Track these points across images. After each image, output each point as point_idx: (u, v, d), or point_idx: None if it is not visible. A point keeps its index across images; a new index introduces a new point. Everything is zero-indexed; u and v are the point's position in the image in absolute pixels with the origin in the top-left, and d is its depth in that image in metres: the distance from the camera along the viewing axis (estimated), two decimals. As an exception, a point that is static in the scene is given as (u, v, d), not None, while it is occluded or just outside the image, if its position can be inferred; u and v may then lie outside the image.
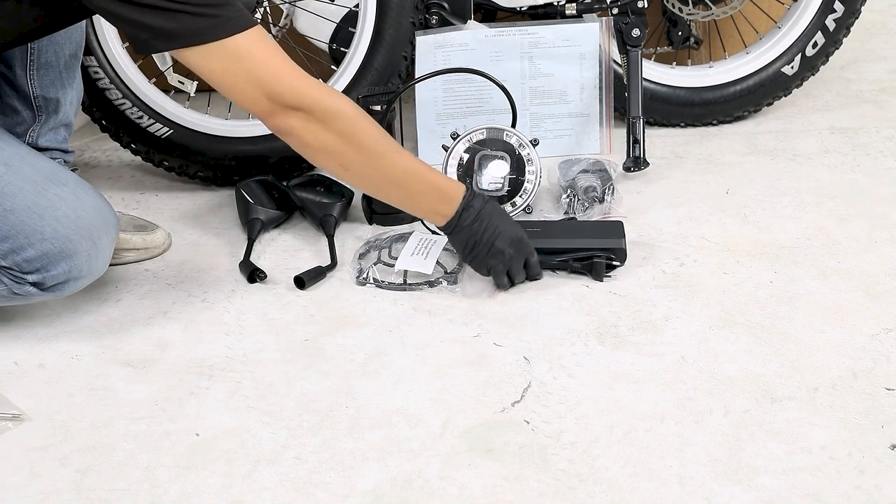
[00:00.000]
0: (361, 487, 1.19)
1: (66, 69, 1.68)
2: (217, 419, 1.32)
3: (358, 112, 1.44)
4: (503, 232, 1.53)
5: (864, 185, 1.88)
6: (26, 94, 1.66)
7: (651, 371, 1.38)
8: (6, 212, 1.41)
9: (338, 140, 1.42)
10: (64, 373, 1.43)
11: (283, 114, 1.39)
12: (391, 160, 1.47)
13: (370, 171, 1.47)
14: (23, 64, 1.63)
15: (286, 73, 1.39)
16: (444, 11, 2.01)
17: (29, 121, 1.68)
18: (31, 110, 1.67)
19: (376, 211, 1.81)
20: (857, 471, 1.18)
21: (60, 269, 1.43)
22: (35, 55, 1.63)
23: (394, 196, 1.52)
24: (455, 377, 1.39)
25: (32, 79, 1.65)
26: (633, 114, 1.96)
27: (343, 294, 1.60)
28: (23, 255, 1.42)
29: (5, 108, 1.67)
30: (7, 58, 1.63)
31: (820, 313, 1.49)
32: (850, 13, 2.09)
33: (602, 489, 1.17)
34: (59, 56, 1.65)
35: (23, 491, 1.21)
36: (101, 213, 1.49)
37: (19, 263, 1.42)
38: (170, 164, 1.95)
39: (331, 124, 1.41)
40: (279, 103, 1.38)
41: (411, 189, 1.50)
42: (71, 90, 1.70)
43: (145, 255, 1.73)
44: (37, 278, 1.43)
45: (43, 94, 1.66)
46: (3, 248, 1.41)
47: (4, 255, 1.42)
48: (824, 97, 2.29)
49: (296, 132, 1.41)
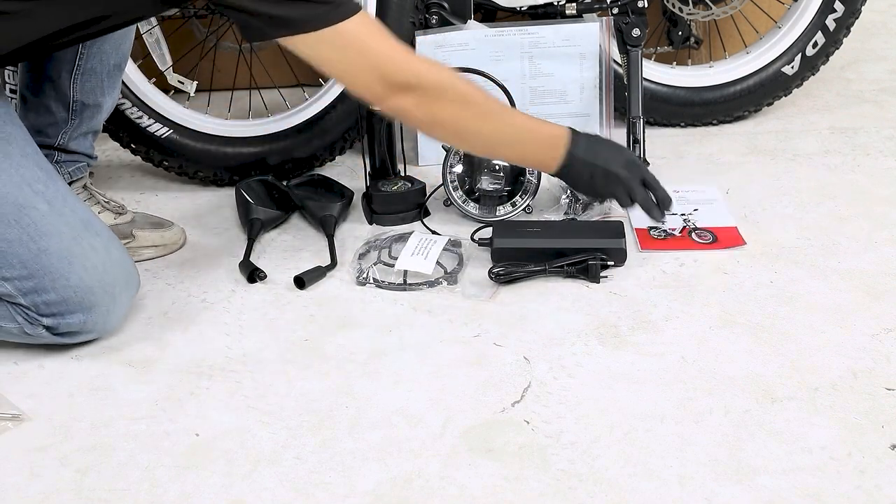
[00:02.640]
0: (361, 487, 1.19)
1: (109, 77, 1.68)
2: (217, 419, 1.32)
3: (462, 81, 1.49)
4: (612, 159, 1.60)
5: (864, 185, 1.88)
6: (66, 97, 1.66)
7: (651, 371, 1.38)
8: (40, 252, 1.39)
9: (449, 111, 1.47)
10: (64, 373, 1.43)
11: (396, 95, 1.43)
12: (502, 123, 1.54)
13: (483, 135, 1.53)
14: (69, 67, 1.64)
15: (397, 54, 1.43)
16: (444, 11, 2.01)
17: (61, 123, 1.68)
18: (66, 112, 1.67)
19: (376, 211, 1.81)
20: (857, 471, 1.18)
21: (77, 318, 1.42)
22: (83, 60, 1.64)
23: (506, 153, 1.62)
24: (455, 377, 1.39)
25: (76, 83, 1.65)
26: (633, 114, 1.96)
27: (343, 294, 1.60)
28: (43, 297, 1.40)
29: (39, 107, 1.67)
30: (56, 59, 1.63)
31: (820, 313, 1.49)
32: (851, 13, 2.08)
33: (602, 489, 1.17)
34: (103, 64, 1.66)
35: (23, 491, 1.21)
36: (126, 270, 1.48)
37: (38, 304, 1.40)
38: (170, 164, 1.95)
39: (442, 98, 1.46)
40: (392, 85, 1.42)
41: (523, 144, 1.57)
42: (109, 98, 1.72)
43: (163, 251, 1.73)
44: (51, 322, 1.42)
45: (82, 99, 1.67)
46: (26, 286, 1.40)
47: (25, 293, 1.40)
48: (824, 97, 2.29)
49: (409, 112, 1.46)
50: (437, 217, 1.81)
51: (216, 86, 2.16)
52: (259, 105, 2.13)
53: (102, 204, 1.73)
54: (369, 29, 1.41)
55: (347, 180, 1.91)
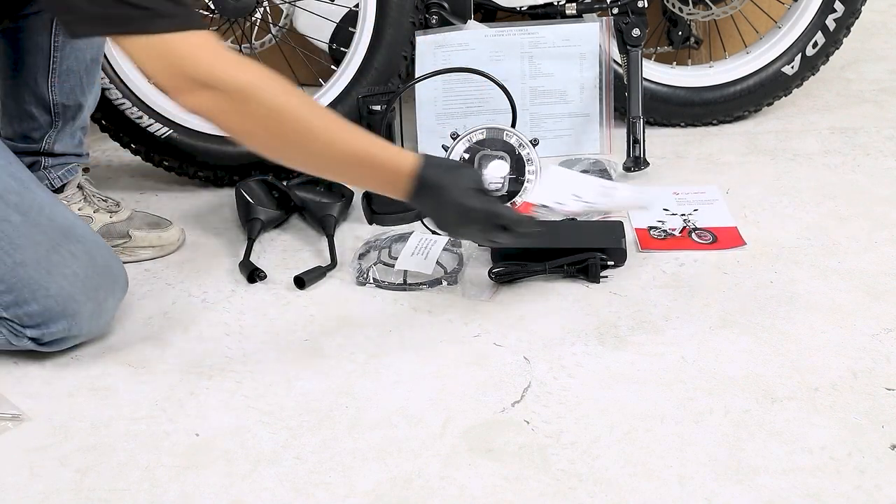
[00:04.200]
0: (361, 487, 1.19)
1: (87, 74, 1.67)
2: (217, 419, 1.32)
3: (285, 92, 1.27)
4: (457, 207, 1.35)
5: (864, 185, 1.88)
6: (45, 101, 1.65)
7: (651, 371, 1.38)
8: (16, 264, 1.38)
9: (257, 125, 1.25)
10: (64, 373, 1.43)
11: (192, 91, 1.23)
12: (325, 144, 1.29)
13: (304, 156, 1.31)
14: (44, 72, 1.63)
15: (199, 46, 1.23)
16: (444, 11, 2.01)
17: (45, 126, 1.67)
18: (48, 116, 1.66)
19: (376, 211, 1.81)
20: (857, 471, 1.18)
21: (60, 326, 1.40)
22: (57, 63, 1.63)
23: (339, 178, 1.43)
24: (455, 377, 1.39)
25: (53, 86, 1.64)
26: (633, 114, 1.96)
27: (343, 294, 1.60)
28: (25, 309, 1.39)
29: (23, 115, 1.66)
30: (29, 66, 1.62)
31: (820, 313, 1.49)
32: (851, 13, 2.08)
33: (602, 489, 1.17)
34: (79, 61, 1.65)
35: (23, 491, 1.21)
36: (111, 274, 1.46)
37: (20, 317, 1.39)
38: (170, 164, 1.95)
39: (244, 106, 1.24)
40: (188, 78, 1.22)
41: (355, 172, 1.34)
42: (90, 95, 1.70)
43: (160, 252, 1.73)
44: (35, 333, 1.41)
45: (62, 100, 1.66)
46: (6, 300, 1.39)
47: (7, 307, 1.39)
48: (824, 97, 2.29)
49: (211, 114, 1.25)
50: (437, 217, 1.81)
51: (216, 86, 2.16)
52: (259, 105, 2.13)
53: (97, 204, 1.72)
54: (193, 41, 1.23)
55: (347, 180, 1.91)
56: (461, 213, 1.36)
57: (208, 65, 1.23)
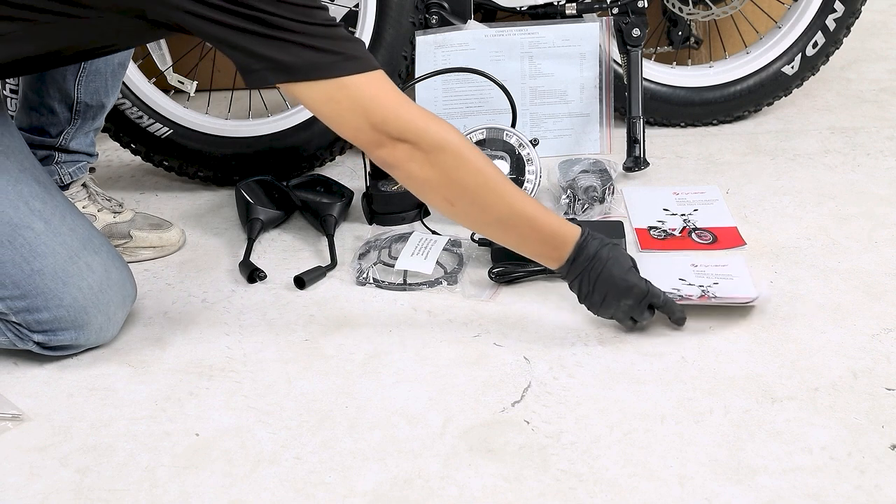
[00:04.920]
0: (361, 487, 1.19)
1: (113, 76, 1.68)
2: (217, 419, 1.32)
3: (465, 145, 1.35)
4: (617, 281, 1.39)
5: (864, 185, 1.88)
6: (70, 98, 1.66)
7: (651, 371, 1.38)
8: (34, 272, 1.38)
9: (442, 175, 1.34)
10: (64, 373, 1.43)
11: (389, 145, 1.32)
12: (500, 200, 1.36)
13: (477, 209, 1.37)
14: (74, 69, 1.63)
15: (391, 101, 1.31)
16: (444, 11, 2.01)
17: (64, 123, 1.68)
18: (69, 113, 1.67)
19: (376, 211, 1.81)
20: (857, 471, 1.18)
21: (68, 335, 1.41)
22: (88, 62, 1.63)
23: (501, 237, 1.42)
24: (455, 377, 1.39)
25: (80, 84, 1.65)
26: (633, 114, 1.96)
27: (343, 294, 1.60)
28: (35, 316, 1.39)
29: (41, 107, 1.66)
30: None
31: (820, 313, 1.49)
32: (851, 13, 2.08)
33: (602, 489, 1.17)
34: (108, 63, 1.66)
35: (23, 491, 1.21)
36: (123, 288, 1.46)
37: (29, 322, 1.40)
38: (170, 164, 1.95)
39: (435, 157, 1.32)
40: (384, 133, 1.31)
41: (521, 232, 1.39)
42: (113, 98, 1.71)
43: (161, 252, 1.73)
44: (42, 339, 1.41)
45: (86, 100, 1.67)
46: (18, 306, 1.39)
47: (17, 312, 1.39)
48: (824, 97, 2.29)
49: (401, 165, 1.34)
50: (437, 217, 1.81)
51: (216, 86, 2.16)
52: (259, 105, 2.13)
53: (101, 203, 1.73)
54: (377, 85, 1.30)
55: (347, 180, 1.91)
56: (621, 289, 1.40)
57: (404, 120, 1.32)
